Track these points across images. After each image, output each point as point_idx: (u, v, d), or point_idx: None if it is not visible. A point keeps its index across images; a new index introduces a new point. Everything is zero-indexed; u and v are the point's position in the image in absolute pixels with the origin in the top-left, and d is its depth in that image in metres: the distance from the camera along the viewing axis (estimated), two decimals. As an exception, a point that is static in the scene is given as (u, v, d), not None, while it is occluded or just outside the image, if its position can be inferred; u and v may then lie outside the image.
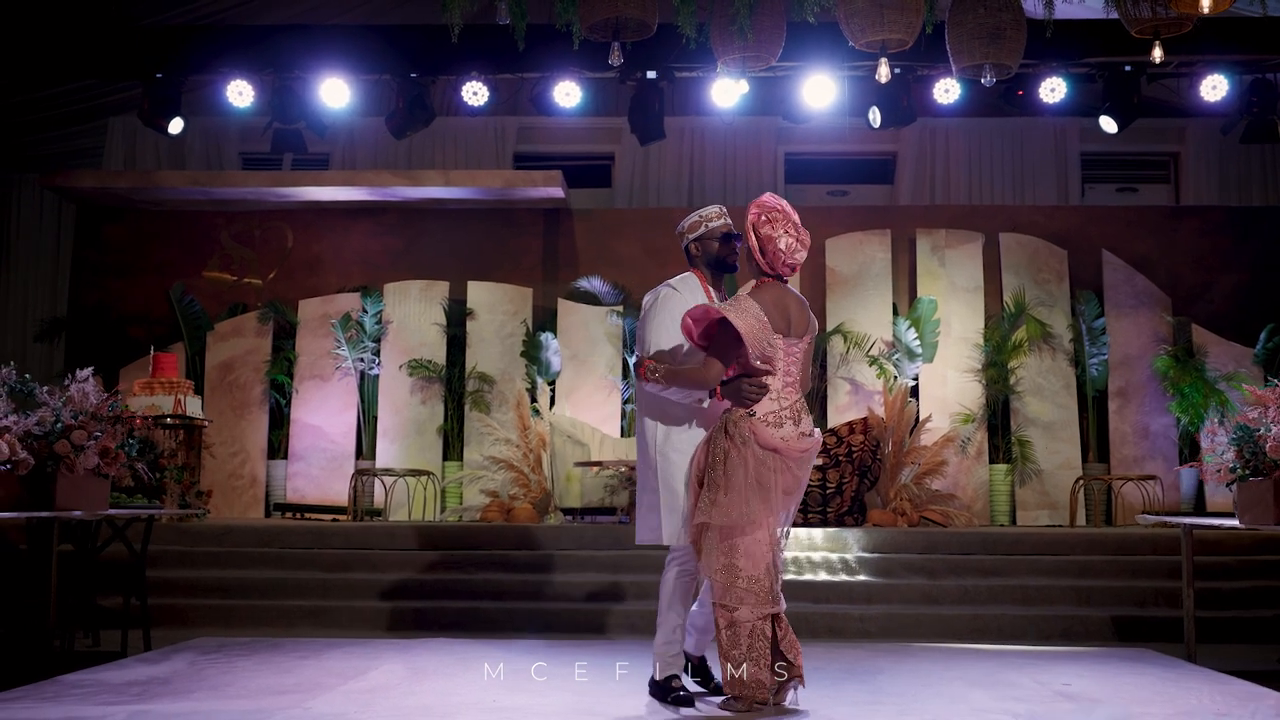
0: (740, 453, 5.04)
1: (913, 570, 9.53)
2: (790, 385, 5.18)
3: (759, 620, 5.05)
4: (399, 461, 13.59)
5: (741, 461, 5.03)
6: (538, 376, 13.69)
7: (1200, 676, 6.33)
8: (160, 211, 14.67)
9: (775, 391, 5.12)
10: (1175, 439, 13.52)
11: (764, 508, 5.05)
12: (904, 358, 13.54)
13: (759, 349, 5.07)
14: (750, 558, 5.05)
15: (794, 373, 5.20)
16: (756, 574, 5.05)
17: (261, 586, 9.31)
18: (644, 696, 5.56)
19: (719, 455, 5.09)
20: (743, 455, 5.03)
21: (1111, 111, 12.26)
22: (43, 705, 5.27)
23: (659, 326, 5.41)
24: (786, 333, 5.16)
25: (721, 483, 5.05)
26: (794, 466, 5.11)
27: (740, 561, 5.04)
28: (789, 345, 5.16)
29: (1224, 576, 9.26)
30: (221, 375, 14.01)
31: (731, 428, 5.08)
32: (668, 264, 13.95)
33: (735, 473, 5.03)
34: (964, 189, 15.03)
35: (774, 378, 5.13)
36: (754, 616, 5.04)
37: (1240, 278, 14.04)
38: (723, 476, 5.05)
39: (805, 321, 5.27)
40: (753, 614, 5.03)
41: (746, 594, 5.03)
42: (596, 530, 10.50)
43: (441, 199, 14.33)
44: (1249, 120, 12.36)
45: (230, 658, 6.81)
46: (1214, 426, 6.87)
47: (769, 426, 5.05)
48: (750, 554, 5.05)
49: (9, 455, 6.14)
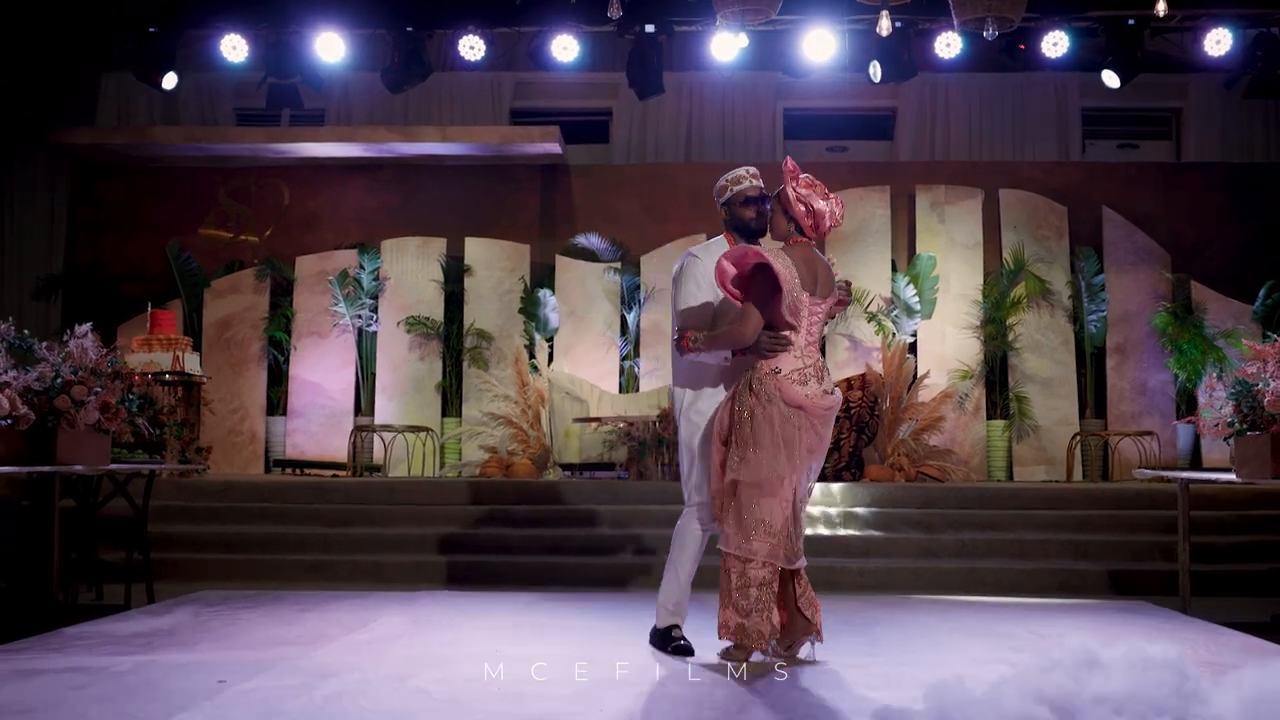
0: (766, 410, 5.05)
1: (910, 524, 9.57)
2: (812, 343, 5.19)
3: (771, 575, 5.09)
4: (398, 418, 13.62)
5: (768, 419, 5.04)
6: (536, 333, 13.69)
7: (1194, 629, 6.38)
8: (156, 168, 14.63)
9: (799, 349, 5.12)
10: (1173, 395, 13.56)
11: (789, 464, 5.08)
12: (902, 314, 13.55)
13: (793, 301, 5.07)
14: (770, 513, 5.08)
15: (815, 332, 5.21)
16: (774, 528, 5.08)
17: (263, 541, 9.36)
18: (646, 647, 5.60)
19: (745, 414, 5.09)
20: (769, 413, 5.05)
21: (1114, 66, 12.21)
22: (49, 656, 5.30)
23: (686, 296, 5.44)
24: (813, 291, 5.16)
25: (750, 440, 5.06)
26: (818, 424, 5.14)
27: (760, 516, 5.07)
28: (813, 304, 5.17)
29: (1220, 531, 9.31)
30: (219, 332, 14.02)
31: (757, 385, 5.09)
32: (666, 220, 14.10)
33: (762, 430, 5.04)
34: (964, 145, 14.99)
35: (798, 334, 5.13)
36: (767, 571, 5.07)
37: (1240, 234, 14.02)
38: (750, 434, 5.06)
39: (830, 284, 5.27)
40: (765, 568, 5.07)
41: (762, 548, 5.06)
42: (595, 485, 10.55)
43: (438, 155, 14.29)
44: (1252, 75, 12.31)
45: (233, 610, 6.85)
46: (1212, 381, 6.87)
47: (794, 384, 5.06)
48: (771, 509, 5.08)
49: (10, 410, 6.15)
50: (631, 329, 13.90)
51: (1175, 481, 7.51)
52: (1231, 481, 6.69)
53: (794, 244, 5.25)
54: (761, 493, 5.07)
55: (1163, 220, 14.09)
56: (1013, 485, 11.96)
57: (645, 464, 11.17)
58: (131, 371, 9.03)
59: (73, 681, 4.73)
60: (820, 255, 5.33)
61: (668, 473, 10.97)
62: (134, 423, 7.21)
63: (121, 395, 6.89)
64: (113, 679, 4.80)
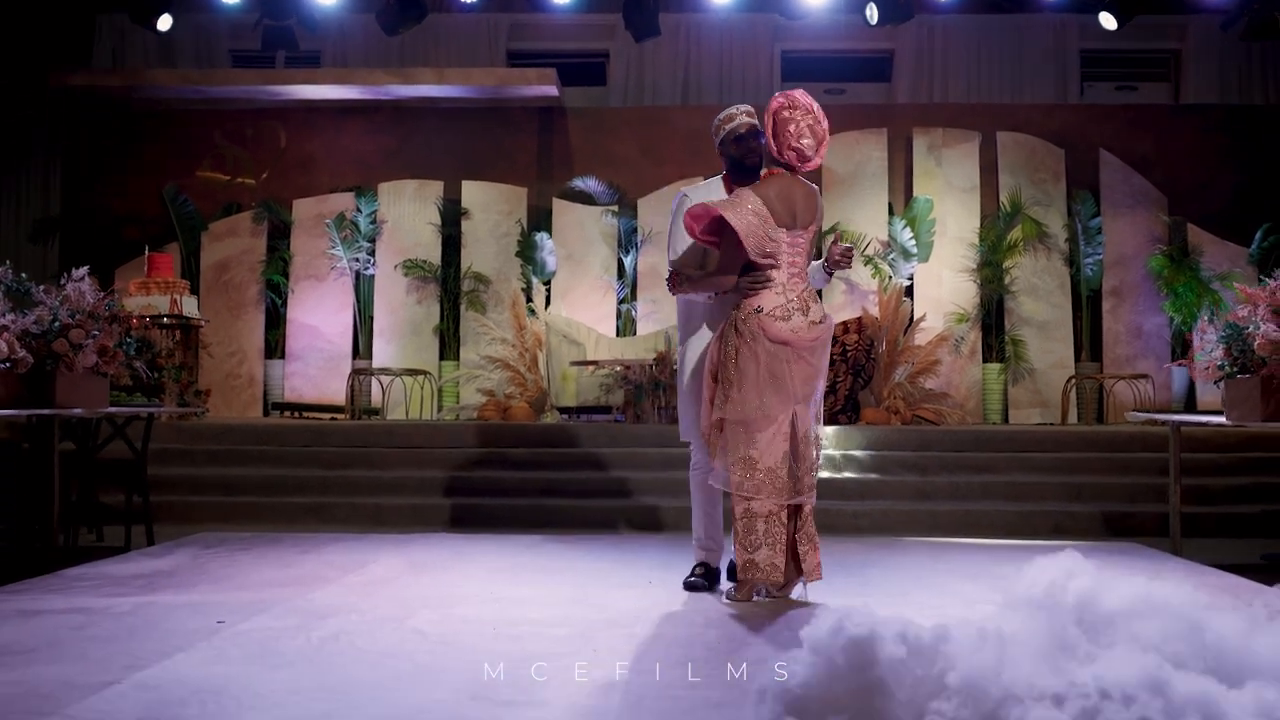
0: (751, 348, 5.10)
1: (905, 467, 9.63)
2: (796, 275, 5.21)
3: (775, 509, 5.14)
4: (396, 361, 13.65)
5: (753, 357, 5.10)
6: (533, 276, 13.70)
7: (1184, 570, 6.44)
8: (152, 111, 14.56)
9: (781, 284, 5.15)
10: (1168, 338, 13.59)
11: (778, 400, 5.12)
12: (899, 257, 13.55)
13: (758, 245, 5.10)
14: (767, 449, 5.13)
15: (799, 263, 5.23)
16: (773, 465, 5.13)
17: (262, 484, 9.41)
18: (642, 588, 5.67)
19: (730, 352, 5.16)
20: (753, 351, 5.10)
21: (1111, 7, 12.09)
22: (49, 597, 5.37)
23: (677, 234, 5.49)
24: (791, 225, 5.18)
25: (735, 378, 5.13)
26: (807, 355, 5.18)
27: (756, 453, 5.13)
28: (794, 237, 5.19)
29: (1212, 473, 9.37)
30: (217, 275, 14.02)
31: (741, 324, 5.14)
32: (664, 163, 14.07)
33: (747, 368, 5.10)
34: (961, 87, 14.91)
35: (779, 270, 5.16)
36: (770, 506, 5.13)
37: (1238, 177, 13.99)
38: (735, 372, 5.13)
39: (812, 211, 5.29)
40: (768, 504, 5.12)
41: (763, 485, 5.12)
42: (593, 429, 10.59)
43: (435, 97, 14.23)
44: (1250, 16, 12.19)
45: (232, 552, 6.92)
46: (1204, 325, 6.90)
47: (777, 320, 5.10)
48: (767, 446, 5.13)
49: (8, 354, 6.18)
50: (629, 272, 13.90)
51: (1167, 424, 7.56)
52: (1222, 424, 6.73)
53: (770, 176, 5.28)
54: (749, 430, 5.12)
55: (1160, 163, 14.05)
56: (1008, 428, 12.01)
57: (642, 407, 11.22)
58: (129, 315, 9.04)
59: (73, 622, 4.80)
60: (801, 183, 5.32)
61: (664, 415, 11.02)
62: (132, 366, 7.25)
63: (119, 339, 6.92)
64: (113, 619, 4.87)
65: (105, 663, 4.09)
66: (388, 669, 4.03)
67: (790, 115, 5.27)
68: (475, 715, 3.47)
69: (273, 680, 3.84)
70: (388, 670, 4.01)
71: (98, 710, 3.47)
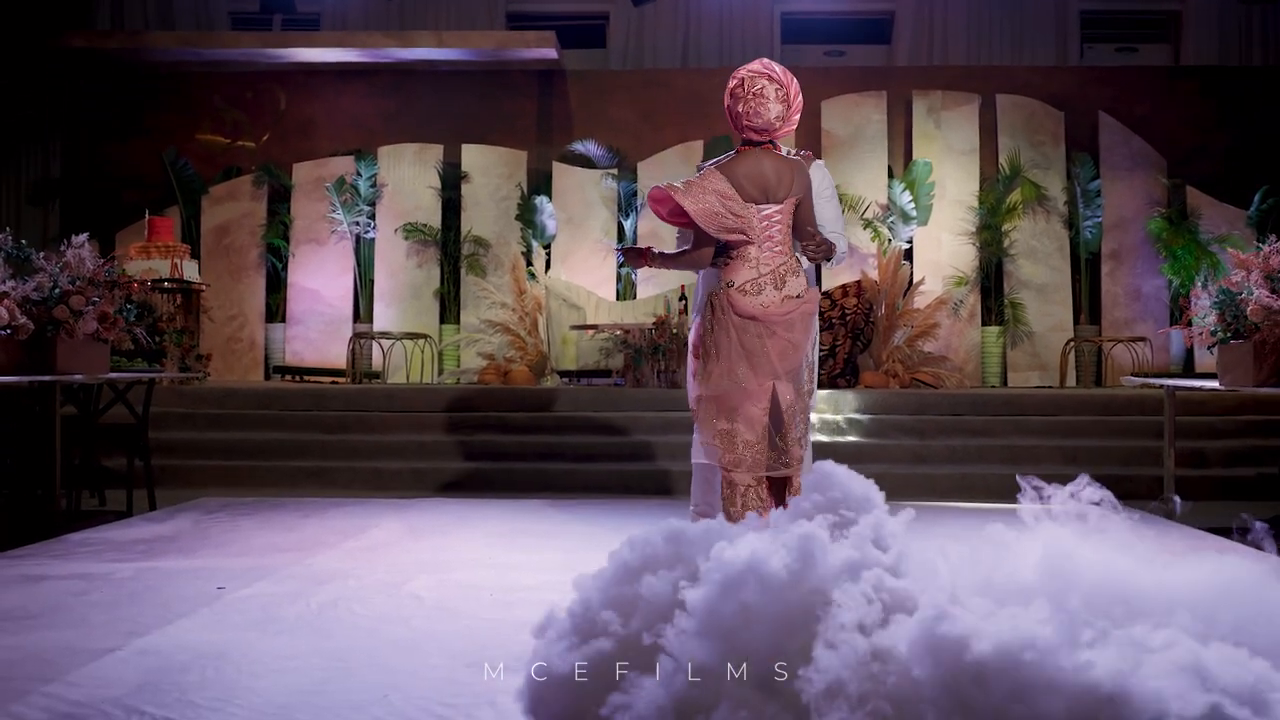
0: (722, 323, 5.12)
1: (903, 431, 9.68)
2: (773, 250, 5.13)
3: (754, 482, 5.16)
4: (396, 325, 13.69)
5: (724, 330, 5.11)
6: (533, 240, 13.71)
7: (1177, 533, 6.49)
8: (151, 74, 14.53)
9: (754, 259, 5.12)
10: (1166, 301, 13.61)
11: (753, 374, 5.11)
12: (898, 220, 13.55)
13: (717, 225, 5.06)
14: (745, 424, 5.13)
15: (776, 236, 5.15)
16: (751, 439, 5.13)
17: (263, 448, 9.47)
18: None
19: (706, 327, 5.19)
20: (725, 325, 5.11)
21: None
22: (50, 562, 5.42)
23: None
24: (761, 200, 5.14)
25: (711, 353, 5.15)
26: (782, 331, 5.12)
27: (734, 427, 5.14)
28: (766, 209, 5.14)
29: (1209, 436, 9.42)
30: (217, 239, 14.03)
31: (714, 299, 5.16)
32: (664, 126, 14.06)
33: (720, 342, 5.13)
34: (961, 49, 14.86)
35: (752, 245, 5.13)
36: (750, 479, 5.15)
37: (1237, 140, 13.96)
38: (711, 347, 5.16)
39: (789, 184, 5.19)
40: (747, 477, 5.15)
41: (743, 458, 5.13)
42: (593, 392, 10.64)
43: (434, 60, 14.19)
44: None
45: (234, 517, 6.97)
46: (1198, 290, 6.92)
47: (746, 295, 5.09)
48: (747, 419, 5.13)
49: (8, 320, 6.22)
50: (629, 236, 13.91)
51: (1163, 388, 7.59)
52: (1216, 388, 6.77)
53: (739, 154, 5.27)
54: (721, 405, 5.14)
55: (1160, 125, 14.02)
56: (1005, 391, 12.05)
57: (641, 371, 11.25)
58: (130, 279, 9.08)
59: (74, 588, 4.85)
60: (774, 157, 5.22)
61: (664, 380, 11.06)
62: (132, 332, 7.29)
63: (119, 305, 6.95)
64: (114, 585, 4.92)
65: (107, 628, 4.14)
66: (384, 635, 4.08)
67: (741, 94, 5.25)
68: (469, 681, 3.52)
69: (272, 646, 3.90)
70: (384, 637, 4.06)
71: (99, 676, 3.52)
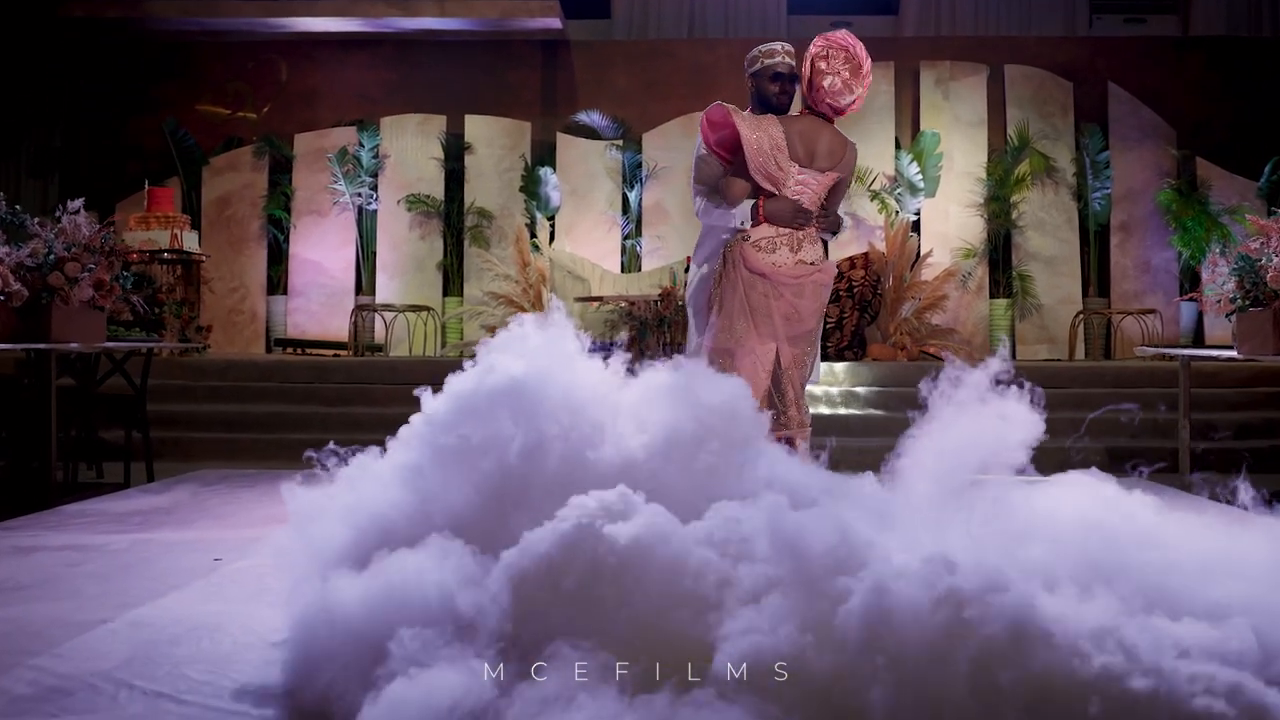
0: (731, 275, 5.01)
1: (911, 404, 9.54)
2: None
3: None
4: (399, 297, 13.58)
5: (732, 284, 5.00)
6: (537, 212, 13.58)
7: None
8: (152, 43, 14.39)
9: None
10: (1176, 273, 13.48)
11: (755, 332, 5.00)
12: (906, 192, 13.42)
13: (762, 165, 4.98)
14: (748, 381, 5.03)
15: (803, 202, 5.09)
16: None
17: (264, 420, 9.38)
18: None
19: (717, 278, 5.08)
20: (733, 278, 5.00)
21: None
22: (45, 534, 5.34)
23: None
24: (806, 163, 5.06)
25: (718, 305, 5.04)
26: (788, 293, 5.02)
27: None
28: (805, 174, 5.06)
29: (1222, 408, 9.31)
30: (218, 210, 13.92)
31: (728, 251, 5.05)
32: (668, 97, 13.91)
33: (727, 295, 5.01)
34: (969, 19, 14.70)
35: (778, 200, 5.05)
36: None
37: (1247, 110, 13.81)
38: (719, 299, 5.04)
39: (838, 160, 5.14)
40: None
41: None
42: (596, 365, 10.52)
43: (437, 30, 14.03)
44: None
45: (232, 489, 6.89)
46: (1215, 258, 6.80)
47: (760, 251, 4.98)
48: (749, 377, 5.02)
49: (2, 287, 6.12)
50: (633, 207, 13.78)
51: (1177, 359, 7.49)
52: (1233, 358, 6.67)
53: (802, 115, 5.18)
54: (730, 359, 5.02)
55: (1169, 96, 13.87)
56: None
57: (647, 343, 11.15)
58: (127, 249, 8.97)
59: (67, 559, 4.77)
60: (832, 130, 5.19)
61: (670, 351, 10.96)
62: (129, 300, 7.17)
63: (116, 272, 6.85)
64: (108, 556, 4.83)
65: (99, 600, 4.05)
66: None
67: (827, 67, 5.13)
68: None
69: (268, 618, 3.80)
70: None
71: (88, 648, 3.43)
